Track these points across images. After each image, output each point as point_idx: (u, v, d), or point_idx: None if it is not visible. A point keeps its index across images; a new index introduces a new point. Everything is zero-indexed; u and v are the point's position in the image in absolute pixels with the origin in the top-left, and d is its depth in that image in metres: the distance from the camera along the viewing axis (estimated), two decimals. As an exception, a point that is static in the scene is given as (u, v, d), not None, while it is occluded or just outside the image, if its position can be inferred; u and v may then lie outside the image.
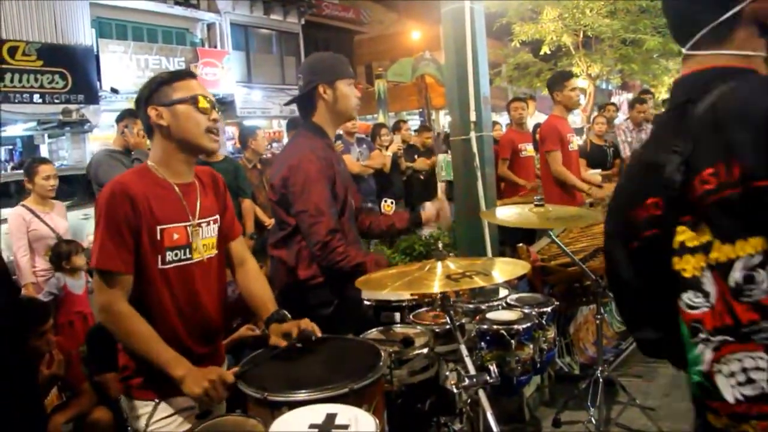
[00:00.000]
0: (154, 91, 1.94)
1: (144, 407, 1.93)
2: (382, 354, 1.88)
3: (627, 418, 3.48)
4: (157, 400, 1.92)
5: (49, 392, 3.12)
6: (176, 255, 1.92)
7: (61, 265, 4.30)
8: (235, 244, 2.20)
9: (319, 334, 1.95)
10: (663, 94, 16.13)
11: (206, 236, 2.01)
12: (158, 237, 1.88)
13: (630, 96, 20.83)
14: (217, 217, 2.08)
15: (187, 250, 1.95)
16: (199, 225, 1.98)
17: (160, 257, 1.89)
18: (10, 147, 18.04)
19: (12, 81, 13.05)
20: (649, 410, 3.44)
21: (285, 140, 6.89)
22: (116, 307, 1.81)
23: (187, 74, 2.01)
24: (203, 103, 1.94)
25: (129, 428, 2.02)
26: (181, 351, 1.87)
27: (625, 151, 7.51)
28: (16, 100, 13.17)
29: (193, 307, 1.97)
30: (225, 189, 2.19)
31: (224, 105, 18.19)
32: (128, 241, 1.83)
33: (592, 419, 3.23)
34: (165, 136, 1.95)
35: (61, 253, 4.30)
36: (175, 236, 1.91)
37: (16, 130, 15.48)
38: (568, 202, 4.63)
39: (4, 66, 12.94)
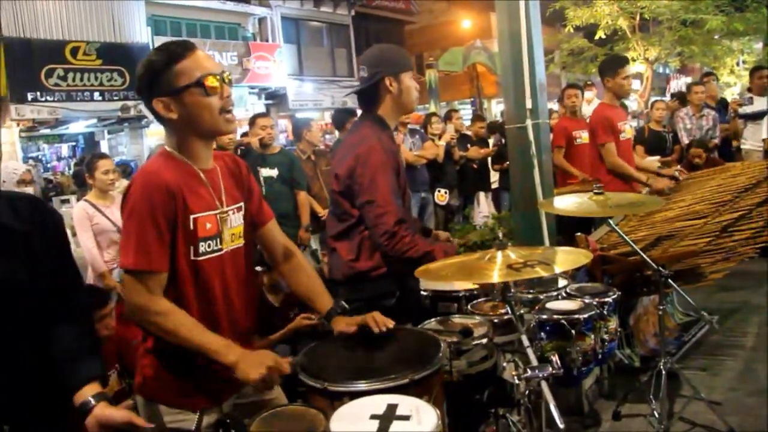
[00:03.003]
0: (153, 81, 1.74)
1: (173, 415, 1.81)
2: (442, 344, 1.88)
3: (691, 413, 3.37)
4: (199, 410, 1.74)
5: (108, 375, 3.22)
6: (209, 246, 1.79)
7: None
8: (271, 230, 2.07)
9: (391, 325, 1.93)
10: (725, 76, 15.57)
11: (233, 225, 1.88)
12: (191, 227, 1.75)
13: (689, 80, 20.18)
14: (242, 204, 1.93)
15: (218, 240, 1.82)
16: (226, 213, 1.85)
17: (192, 248, 1.76)
18: (73, 144, 18.74)
19: (74, 80, 13.50)
20: (714, 404, 3.33)
21: (336, 132, 6.91)
22: (157, 306, 1.69)
23: (184, 50, 1.75)
24: (211, 82, 1.74)
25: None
26: None
27: (684, 140, 7.28)
28: (78, 99, 13.63)
29: (226, 301, 1.85)
30: (248, 173, 2.04)
31: (277, 98, 18.39)
32: (166, 234, 1.70)
33: (655, 413, 3.14)
34: (179, 127, 1.79)
35: None
36: (208, 225, 1.79)
37: (78, 127, 16.05)
38: (628, 191, 4.49)
39: (66, 66, 13.40)
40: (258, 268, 3.29)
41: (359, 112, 2.83)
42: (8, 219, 1.49)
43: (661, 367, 3.17)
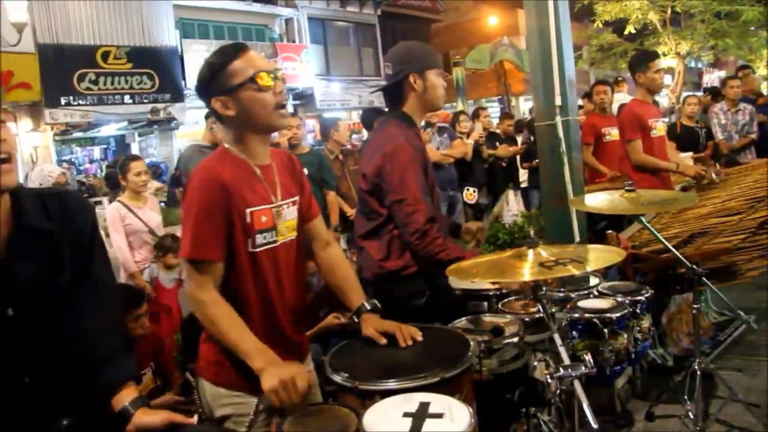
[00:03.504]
0: (211, 81, 1.86)
1: (232, 398, 1.87)
2: (472, 343, 1.87)
3: (728, 414, 3.30)
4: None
5: (143, 373, 3.27)
6: (265, 238, 1.87)
7: (158, 257, 4.50)
8: (316, 225, 2.15)
9: (419, 338, 1.93)
10: (762, 68, 15.23)
11: (288, 218, 1.96)
12: (248, 220, 1.84)
13: (722, 74, 19.76)
14: (297, 198, 2.02)
15: (274, 233, 1.90)
16: (281, 206, 1.93)
17: (250, 241, 1.85)
18: (105, 146, 19.07)
19: (105, 84, 13.75)
20: (753, 407, 3.26)
21: (364, 132, 6.92)
22: (205, 294, 1.79)
23: (236, 51, 1.86)
24: (265, 80, 1.84)
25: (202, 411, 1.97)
26: (275, 336, 1.87)
27: (718, 135, 7.13)
28: (109, 102, 13.87)
29: (281, 291, 1.93)
30: (301, 170, 2.15)
31: (304, 98, 18.49)
32: (221, 227, 1.79)
33: (690, 414, 3.08)
34: (236, 123, 1.89)
35: (162, 247, 4.48)
36: (263, 218, 1.87)
37: (109, 130, 16.31)
38: (659, 188, 4.43)
39: (98, 70, 13.66)
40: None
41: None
42: (35, 219, 1.50)
43: (696, 367, 3.10)
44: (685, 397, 3.15)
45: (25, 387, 1.49)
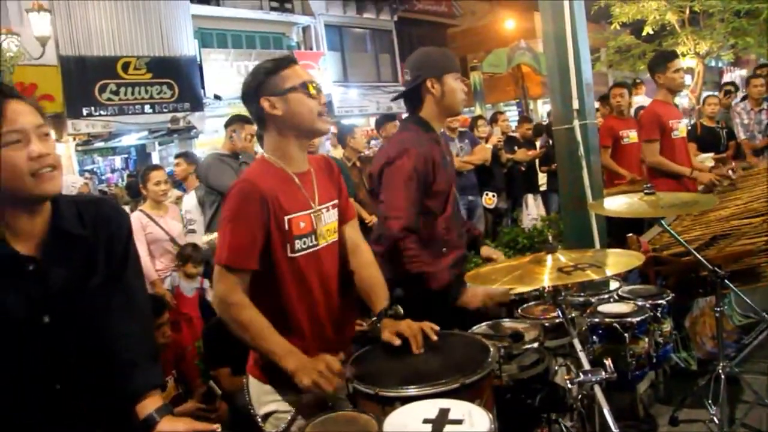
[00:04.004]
0: (262, 82, 1.98)
1: (277, 394, 1.97)
2: (491, 349, 1.87)
3: (755, 419, 3.25)
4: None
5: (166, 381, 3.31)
6: (304, 243, 1.96)
7: (179, 266, 4.54)
8: (348, 228, 2.21)
9: (434, 339, 1.94)
10: (784, 66, 14.99)
11: (328, 221, 2.05)
12: (286, 227, 1.92)
13: (744, 73, 19.52)
14: (336, 201, 2.11)
15: (313, 237, 1.99)
16: (319, 211, 2.02)
17: (289, 246, 1.93)
18: (126, 156, 19.30)
19: (126, 94, 13.94)
20: (779, 411, 3.21)
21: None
22: (235, 297, 1.85)
23: (290, 61, 2.03)
24: (312, 89, 1.98)
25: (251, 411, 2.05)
26: (320, 339, 1.95)
27: (740, 135, 7.03)
28: (130, 112, 14.05)
29: (325, 293, 2.02)
30: (339, 172, 2.22)
31: (322, 105, 18.57)
32: (258, 238, 1.87)
33: (714, 419, 3.04)
34: (280, 125, 1.99)
35: (183, 256, 4.52)
36: (302, 224, 1.96)
37: (130, 139, 16.51)
38: (679, 190, 4.38)
39: (118, 81, 13.85)
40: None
41: (404, 116, 2.85)
42: (71, 225, 1.56)
43: (720, 370, 3.07)
44: (710, 401, 3.11)
45: (56, 394, 1.52)
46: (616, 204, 2.94)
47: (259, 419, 2.00)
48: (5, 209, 1.48)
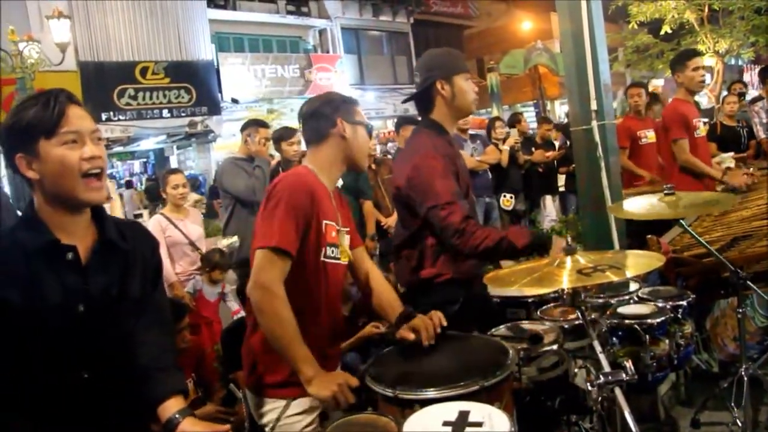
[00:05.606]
0: (341, 105, 2.14)
1: (272, 404, 2.01)
2: (511, 351, 1.87)
3: (777, 421, 3.22)
4: (291, 398, 1.98)
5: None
6: (332, 252, 2.06)
7: (205, 270, 4.56)
8: (360, 254, 2.31)
9: (445, 323, 2.01)
10: (804, 64, 14.76)
11: (345, 243, 2.14)
12: (323, 230, 2.01)
13: (764, 71, 19.24)
14: (349, 228, 2.20)
15: (338, 251, 2.09)
16: (342, 231, 2.12)
17: (322, 250, 2.02)
18: (144, 160, 19.51)
19: (144, 99, 14.11)
20: (804, 413, 3.16)
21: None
22: (277, 288, 1.86)
23: (356, 103, 2.24)
24: (370, 132, 2.24)
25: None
26: (317, 348, 1.94)
27: (760, 134, 6.93)
28: (148, 116, 14.23)
29: (332, 306, 2.12)
30: (347, 206, 2.32)
31: (338, 108, 18.63)
32: (302, 228, 1.94)
33: (737, 421, 3.01)
34: (341, 147, 2.12)
35: (209, 261, 4.54)
36: (333, 234, 2.06)
37: (148, 144, 16.71)
38: (699, 190, 4.33)
39: (137, 86, 14.00)
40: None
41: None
42: (115, 236, 1.67)
43: (743, 372, 3.03)
44: (732, 403, 3.08)
45: (83, 383, 1.59)
46: (636, 206, 2.91)
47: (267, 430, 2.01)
48: (55, 206, 1.57)
